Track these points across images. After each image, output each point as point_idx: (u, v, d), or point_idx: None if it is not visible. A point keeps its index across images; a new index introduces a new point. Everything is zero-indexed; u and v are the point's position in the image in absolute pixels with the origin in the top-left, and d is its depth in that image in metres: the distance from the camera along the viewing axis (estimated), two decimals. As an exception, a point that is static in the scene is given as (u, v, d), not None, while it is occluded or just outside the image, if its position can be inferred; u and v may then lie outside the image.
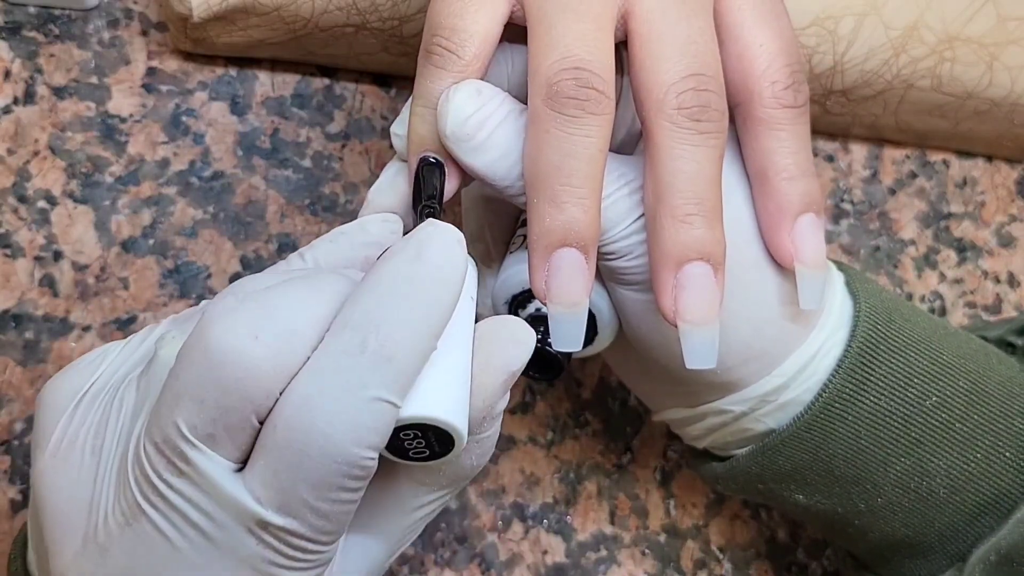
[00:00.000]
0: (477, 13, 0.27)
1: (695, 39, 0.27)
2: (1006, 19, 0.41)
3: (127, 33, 0.39)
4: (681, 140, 0.26)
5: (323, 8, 0.37)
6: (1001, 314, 0.46)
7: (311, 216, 0.40)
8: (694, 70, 0.26)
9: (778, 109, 0.29)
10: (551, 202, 0.26)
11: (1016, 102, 0.43)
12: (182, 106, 0.39)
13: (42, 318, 0.36)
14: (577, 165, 0.26)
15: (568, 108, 0.26)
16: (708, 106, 0.26)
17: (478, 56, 0.27)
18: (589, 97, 0.26)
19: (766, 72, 0.29)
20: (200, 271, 0.38)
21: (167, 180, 0.38)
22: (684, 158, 0.26)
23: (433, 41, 0.27)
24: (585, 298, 0.26)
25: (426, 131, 0.27)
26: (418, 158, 0.28)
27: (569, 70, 0.26)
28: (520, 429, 0.40)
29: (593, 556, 0.40)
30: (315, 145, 0.40)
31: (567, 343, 0.27)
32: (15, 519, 0.35)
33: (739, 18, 0.29)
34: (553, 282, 0.26)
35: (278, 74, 0.41)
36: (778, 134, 0.29)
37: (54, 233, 0.37)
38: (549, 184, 0.26)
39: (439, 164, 0.28)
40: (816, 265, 0.29)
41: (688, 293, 0.26)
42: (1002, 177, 0.48)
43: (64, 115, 0.38)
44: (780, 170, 0.29)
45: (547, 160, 0.26)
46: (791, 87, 0.29)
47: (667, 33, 0.27)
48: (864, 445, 0.31)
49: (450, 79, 0.27)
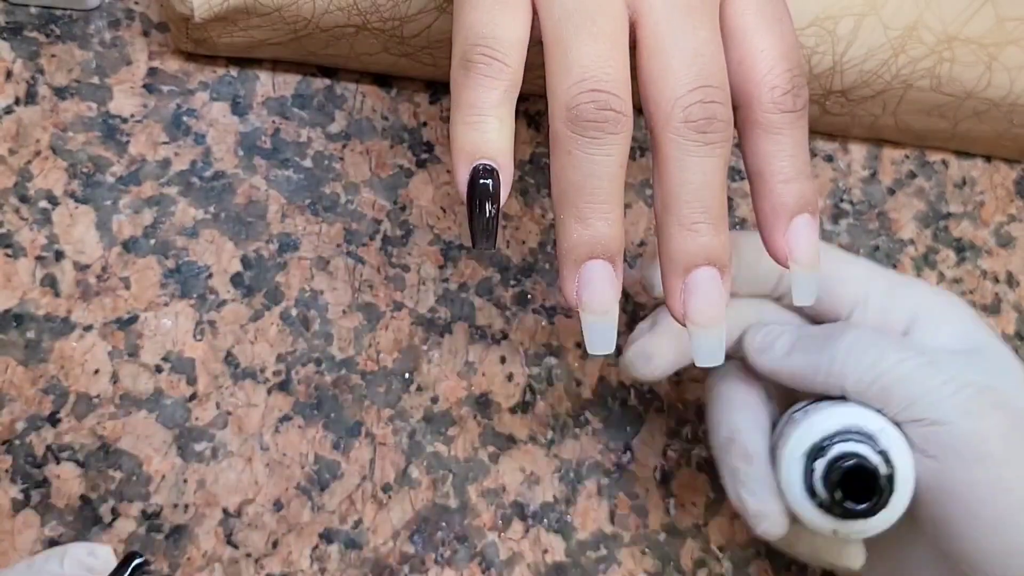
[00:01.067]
0: (513, 20, 0.28)
1: (701, 51, 0.27)
2: (1005, 19, 0.42)
3: (128, 33, 0.39)
4: (688, 152, 0.27)
5: (324, 8, 0.37)
6: (1000, 314, 0.46)
7: (312, 216, 0.40)
8: (700, 82, 0.27)
9: (777, 114, 0.29)
10: (577, 218, 0.27)
11: (1015, 102, 0.43)
12: (183, 106, 0.39)
13: (43, 318, 0.36)
14: (599, 183, 0.27)
15: (588, 131, 0.27)
16: (714, 117, 0.27)
17: (520, 62, 0.28)
18: (608, 119, 0.27)
19: (766, 77, 0.29)
20: (201, 271, 0.38)
21: (168, 180, 0.39)
22: (691, 169, 0.27)
23: (476, 51, 0.27)
24: (614, 305, 0.28)
25: (478, 138, 0.27)
26: (471, 167, 0.28)
27: (587, 93, 0.26)
28: (520, 428, 0.40)
29: (593, 555, 0.40)
30: (316, 145, 0.40)
31: (600, 346, 0.28)
32: (15, 519, 0.35)
33: (742, 23, 0.29)
34: (584, 292, 0.28)
35: (279, 74, 0.41)
36: (776, 138, 0.29)
37: (55, 233, 0.37)
38: (575, 202, 0.27)
39: (493, 171, 0.28)
40: (810, 264, 0.30)
41: (696, 297, 0.28)
42: (1001, 177, 0.48)
43: (65, 115, 0.38)
44: (776, 172, 0.29)
45: (571, 180, 0.27)
46: (790, 92, 0.29)
47: (674, 45, 0.28)
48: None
49: (501, 87, 0.27)
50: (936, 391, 0.29)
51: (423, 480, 0.39)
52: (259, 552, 0.37)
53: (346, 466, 0.38)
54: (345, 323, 0.39)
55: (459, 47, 0.28)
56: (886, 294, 0.33)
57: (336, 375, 0.39)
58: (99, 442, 0.36)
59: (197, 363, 0.37)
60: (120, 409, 0.36)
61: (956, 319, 0.33)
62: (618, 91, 0.27)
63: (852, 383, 0.31)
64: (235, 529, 0.36)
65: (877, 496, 0.29)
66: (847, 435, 0.30)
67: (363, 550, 0.38)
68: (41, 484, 0.35)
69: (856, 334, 0.32)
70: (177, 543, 0.36)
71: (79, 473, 0.35)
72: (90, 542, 0.35)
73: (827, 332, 0.33)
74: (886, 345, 0.31)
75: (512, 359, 0.41)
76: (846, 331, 0.32)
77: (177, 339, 0.37)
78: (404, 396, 0.39)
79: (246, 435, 0.37)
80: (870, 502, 0.29)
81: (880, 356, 0.30)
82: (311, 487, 0.38)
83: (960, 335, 0.32)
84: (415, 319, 0.40)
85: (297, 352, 0.38)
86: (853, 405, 0.31)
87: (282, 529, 0.37)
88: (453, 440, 0.39)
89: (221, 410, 0.37)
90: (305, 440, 0.38)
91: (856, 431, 0.30)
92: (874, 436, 0.30)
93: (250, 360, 0.38)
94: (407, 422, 0.39)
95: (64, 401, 0.36)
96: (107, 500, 0.36)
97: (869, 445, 0.30)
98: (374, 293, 0.40)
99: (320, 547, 0.37)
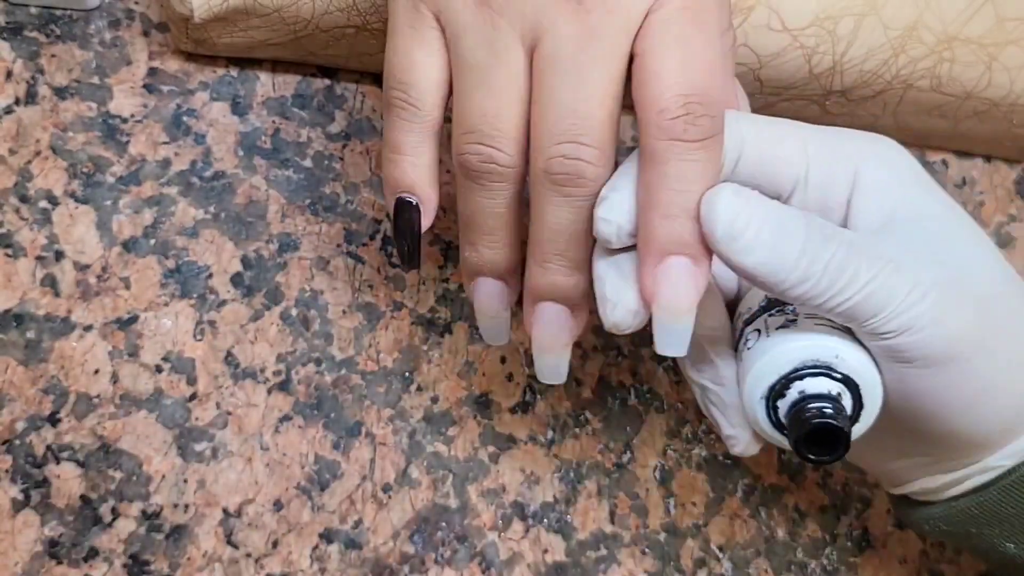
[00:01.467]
0: (429, 65, 0.30)
1: (576, 107, 0.28)
2: (1005, 19, 0.42)
3: (128, 34, 0.39)
4: (547, 200, 0.29)
5: (324, 9, 0.37)
6: (1000, 314, 0.46)
7: (312, 216, 0.40)
8: (568, 138, 0.28)
9: (663, 141, 0.27)
10: (467, 243, 0.32)
11: (1015, 102, 0.43)
12: (183, 106, 0.39)
13: (43, 318, 0.36)
14: (484, 220, 0.31)
15: (472, 178, 0.30)
16: (576, 174, 0.28)
17: (436, 105, 0.30)
18: (491, 171, 0.29)
19: (655, 102, 0.27)
20: (201, 271, 0.38)
21: (168, 180, 0.39)
22: (548, 215, 0.29)
23: (392, 94, 0.30)
24: (501, 310, 0.33)
25: (400, 174, 0.31)
26: (395, 197, 0.31)
27: (473, 145, 0.29)
28: (520, 428, 0.40)
29: (593, 555, 0.40)
30: (316, 145, 0.40)
31: (493, 340, 0.34)
32: (15, 519, 0.35)
33: (642, 46, 0.28)
34: (475, 299, 0.33)
35: (279, 74, 0.41)
36: (661, 168, 0.27)
37: (55, 233, 0.37)
38: (464, 231, 0.31)
39: (415, 204, 0.31)
40: (672, 312, 0.28)
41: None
42: (1001, 177, 0.48)
43: (65, 115, 0.38)
44: (655, 204, 0.28)
45: (462, 211, 0.31)
46: (680, 118, 0.27)
47: (550, 98, 0.28)
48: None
49: (416, 128, 0.30)
50: (902, 301, 0.28)
51: (423, 480, 0.39)
52: (259, 552, 0.37)
53: (346, 466, 0.38)
54: (345, 323, 0.39)
55: (383, 87, 0.31)
56: (823, 168, 0.30)
57: (336, 375, 0.39)
58: (99, 442, 0.36)
59: (197, 363, 0.37)
60: (120, 409, 0.36)
61: (897, 182, 0.31)
62: (503, 147, 0.29)
63: (821, 304, 0.29)
64: (235, 529, 0.36)
65: (843, 447, 0.29)
66: (803, 371, 0.30)
67: (363, 550, 0.38)
68: (41, 484, 0.35)
69: (828, 256, 0.28)
70: (177, 543, 0.36)
71: (79, 473, 0.35)
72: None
73: (802, 235, 0.29)
74: (859, 262, 0.28)
75: (512, 359, 0.41)
76: (820, 250, 0.28)
77: (177, 339, 0.37)
78: (404, 396, 0.39)
79: (246, 435, 0.37)
80: (835, 453, 0.29)
81: (855, 275, 0.28)
82: (311, 487, 0.38)
83: (906, 200, 0.31)
84: (415, 319, 0.40)
85: (297, 352, 0.38)
86: (805, 333, 0.30)
87: (282, 529, 0.37)
88: (453, 440, 0.39)
89: (221, 410, 0.37)
90: (305, 440, 0.38)
91: (812, 365, 0.30)
92: (831, 365, 0.30)
93: (250, 360, 0.38)
94: (407, 422, 0.39)
95: (64, 401, 0.36)
96: (107, 500, 0.36)
97: (827, 375, 0.30)
98: (374, 293, 0.40)
99: (320, 547, 0.37)
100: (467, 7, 0.28)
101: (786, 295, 0.28)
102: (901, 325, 0.28)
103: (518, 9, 0.28)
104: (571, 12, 0.27)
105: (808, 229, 0.28)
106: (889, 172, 0.31)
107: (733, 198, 0.27)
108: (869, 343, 0.30)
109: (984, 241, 0.31)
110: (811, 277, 0.27)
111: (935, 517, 0.34)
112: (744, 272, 0.28)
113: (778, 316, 0.32)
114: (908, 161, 0.32)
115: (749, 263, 0.27)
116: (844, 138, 0.31)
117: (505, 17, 0.28)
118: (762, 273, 0.27)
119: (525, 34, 0.28)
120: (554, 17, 0.28)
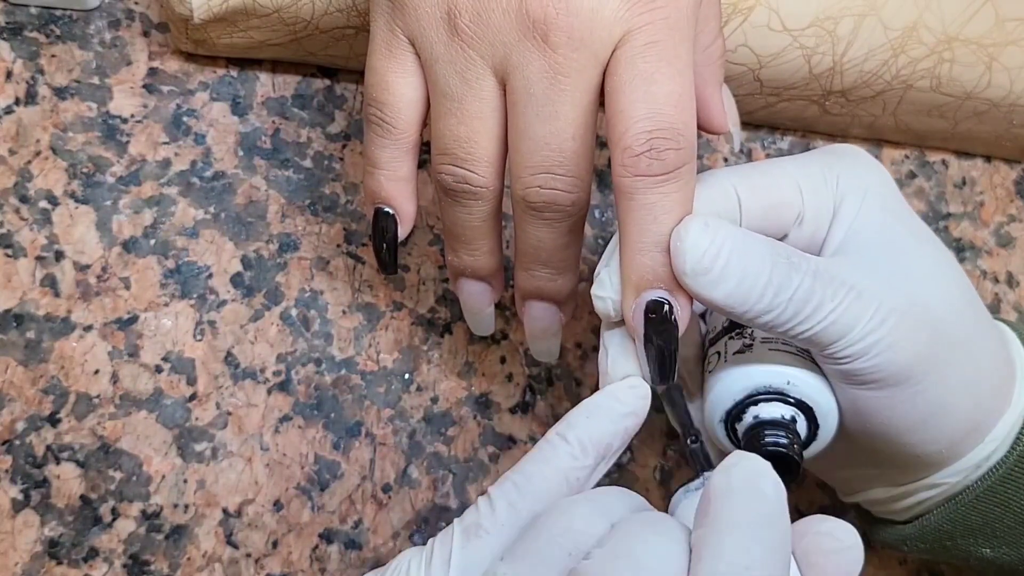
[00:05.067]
0: (404, 84, 0.30)
1: (549, 140, 0.29)
2: (1005, 20, 0.42)
3: (128, 34, 0.39)
4: (526, 223, 0.31)
5: (323, 10, 0.37)
6: (1000, 314, 0.46)
7: (312, 216, 0.40)
8: (542, 170, 0.29)
9: (628, 178, 0.28)
10: (450, 249, 0.33)
11: (1015, 103, 0.43)
12: (183, 106, 0.39)
13: (43, 318, 0.36)
14: (463, 231, 0.32)
15: (449, 196, 0.31)
16: (552, 202, 0.29)
17: (412, 123, 0.31)
18: (465, 191, 0.31)
19: (620, 139, 0.27)
20: (201, 271, 0.38)
21: (168, 180, 0.39)
22: (529, 234, 0.31)
23: (369, 111, 0.31)
24: (485, 307, 0.35)
25: (377, 187, 0.32)
26: (374, 208, 0.33)
27: (448, 167, 0.30)
28: (520, 429, 0.40)
29: (593, 555, 0.40)
30: (316, 145, 0.40)
31: (480, 330, 0.37)
32: (15, 519, 0.35)
33: (610, 84, 0.28)
34: (461, 297, 0.35)
35: (279, 75, 0.41)
36: (630, 204, 0.28)
37: (55, 233, 0.37)
38: (447, 238, 0.33)
39: (391, 214, 0.33)
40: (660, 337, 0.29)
41: (528, 318, 0.34)
42: (1001, 177, 0.48)
43: (65, 115, 0.38)
44: (628, 241, 0.28)
45: (444, 222, 0.33)
46: (644, 154, 0.27)
47: (524, 133, 0.29)
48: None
49: (391, 144, 0.31)
50: (862, 328, 0.28)
51: (423, 480, 0.39)
52: (259, 552, 0.37)
53: (346, 466, 0.38)
54: (345, 323, 0.39)
55: (364, 102, 0.32)
56: (814, 203, 0.31)
57: (336, 375, 0.39)
58: (99, 442, 0.36)
59: (197, 363, 0.37)
60: (120, 409, 0.36)
61: (865, 207, 0.31)
62: (476, 169, 0.30)
63: (785, 331, 0.29)
64: (235, 529, 0.36)
65: (795, 474, 0.30)
66: (757, 397, 0.31)
67: (363, 550, 0.38)
68: (41, 484, 0.35)
69: (794, 287, 0.29)
70: (177, 543, 0.36)
71: (79, 473, 0.36)
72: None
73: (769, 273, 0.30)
74: (824, 291, 0.29)
75: (512, 359, 0.41)
76: (785, 281, 0.29)
77: (177, 339, 0.37)
78: (404, 396, 0.39)
79: (246, 435, 0.37)
80: (786, 478, 0.30)
81: (819, 305, 0.29)
82: (311, 487, 0.38)
83: (873, 224, 0.31)
84: (415, 319, 0.40)
85: (297, 352, 0.38)
86: (758, 359, 0.32)
87: (282, 529, 0.37)
88: (453, 440, 0.39)
89: (221, 410, 0.37)
90: (305, 440, 0.38)
91: (764, 391, 0.31)
92: (783, 391, 0.31)
93: (250, 360, 0.38)
94: (407, 422, 0.39)
95: (64, 401, 0.36)
96: (107, 500, 0.36)
97: (780, 400, 0.31)
98: (374, 293, 0.40)
99: (320, 547, 0.37)
100: (439, 37, 0.29)
101: (752, 323, 0.29)
102: (858, 351, 0.29)
103: (488, 42, 0.28)
104: (538, 49, 0.28)
105: (774, 259, 0.28)
106: (861, 197, 0.31)
107: (701, 233, 0.28)
108: (824, 365, 0.31)
109: (946, 263, 0.32)
110: (776, 307, 0.28)
111: (910, 537, 0.35)
112: (712, 305, 0.28)
113: (736, 340, 0.33)
114: (881, 178, 0.32)
115: (718, 297, 0.28)
116: (826, 166, 0.32)
117: (475, 49, 0.29)
118: (729, 304, 0.28)
119: (496, 66, 0.29)
120: (522, 53, 0.28)
